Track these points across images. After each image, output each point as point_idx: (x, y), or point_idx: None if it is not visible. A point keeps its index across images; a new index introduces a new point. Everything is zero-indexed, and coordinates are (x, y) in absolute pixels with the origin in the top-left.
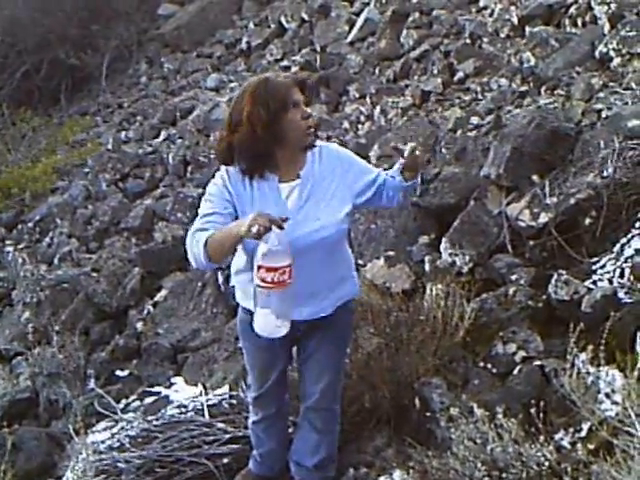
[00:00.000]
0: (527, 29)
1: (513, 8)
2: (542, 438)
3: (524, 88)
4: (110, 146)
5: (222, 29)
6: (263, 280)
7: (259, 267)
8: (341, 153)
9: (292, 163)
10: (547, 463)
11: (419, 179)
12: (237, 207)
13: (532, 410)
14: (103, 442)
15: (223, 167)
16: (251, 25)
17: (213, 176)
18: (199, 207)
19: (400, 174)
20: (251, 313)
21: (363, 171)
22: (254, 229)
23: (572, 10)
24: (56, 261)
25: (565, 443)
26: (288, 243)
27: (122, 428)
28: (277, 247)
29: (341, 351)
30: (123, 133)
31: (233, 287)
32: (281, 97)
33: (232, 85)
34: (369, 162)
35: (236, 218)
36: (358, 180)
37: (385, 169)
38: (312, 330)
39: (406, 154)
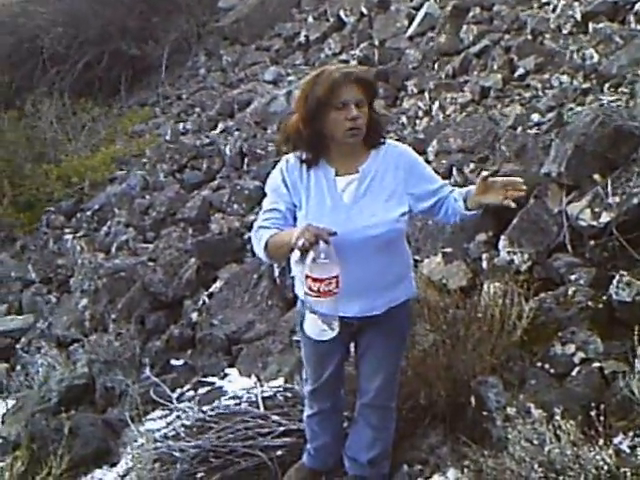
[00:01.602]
0: (591, 25)
1: (576, 4)
2: (601, 441)
3: (586, 85)
4: (168, 137)
5: (281, 22)
6: (310, 289)
7: (307, 276)
8: (407, 155)
9: (350, 157)
10: (606, 467)
11: (480, 211)
12: (294, 199)
13: (591, 413)
14: (159, 430)
15: (284, 157)
16: (310, 19)
17: (274, 166)
18: (259, 198)
19: (465, 200)
20: None
21: (426, 178)
22: (299, 242)
23: (637, 6)
24: (113, 250)
25: (624, 447)
26: (336, 255)
27: (177, 417)
28: (324, 260)
29: (397, 350)
30: (181, 124)
31: (293, 278)
32: (325, 95)
33: (290, 78)
34: (426, 158)
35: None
36: (418, 185)
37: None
38: (367, 327)
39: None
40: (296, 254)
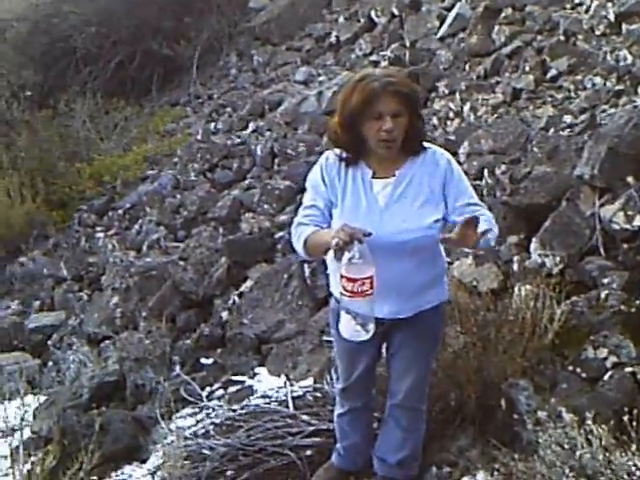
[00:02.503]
0: (624, 26)
1: (610, 4)
2: (633, 447)
3: (620, 87)
4: (199, 136)
5: (312, 23)
6: (345, 289)
7: (342, 276)
8: (447, 163)
9: (388, 160)
10: (638, 472)
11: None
12: (331, 196)
13: (624, 418)
14: (188, 428)
15: (325, 153)
16: (341, 19)
17: (309, 166)
18: (290, 198)
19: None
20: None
21: (462, 191)
22: (334, 242)
23: None
24: (145, 248)
25: None
26: (370, 255)
27: (207, 415)
28: (358, 260)
29: (428, 351)
30: (212, 124)
31: (328, 276)
32: (362, 105)
33: (321, 79)
34: (458, 160)
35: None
36: (451, 196)
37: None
38: (397, 328)
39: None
40: (332, 253)
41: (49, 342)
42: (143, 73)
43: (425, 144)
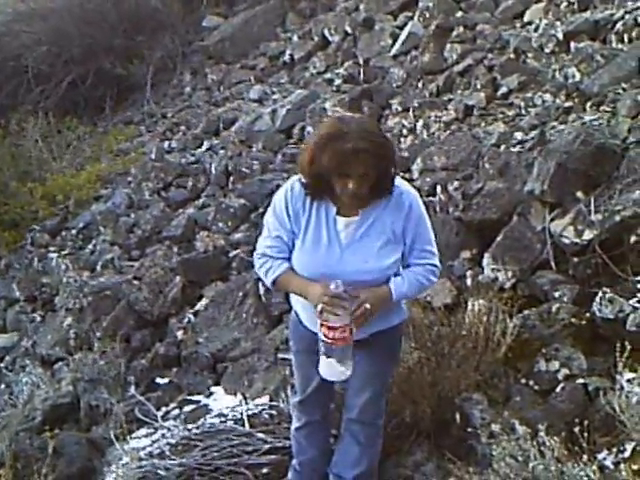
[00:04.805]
0: (572, 44)
1: (558, 23)
2: (585, 457)
3: (569, 104)
4: (153, 155)
5: (266, 41)
6: (326, 336)
7: (321, 324)
8: (410, 206)
9: (354, 199)
10: None
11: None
12: (294, 227)
13: (575, 429)
14: (143, 449)
15: (292, 179)
16: (294, 38)
17: (260, 185)
18: (244, 217)
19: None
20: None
21: (420, 233)
22: (319, 307)
23: (619, 26)
24: (99, 268)
25: (608, 463)
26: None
27: (162, 435)
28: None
29: (385, 368)
30: (166, 143)
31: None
32: (330, 165)
33: (275, 97)
34: (410, 177)
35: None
36: (409, 237)
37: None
38: (355, 346)
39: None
40: None
41: (1, 364)
42: (96, 92)
43: (396, 181)
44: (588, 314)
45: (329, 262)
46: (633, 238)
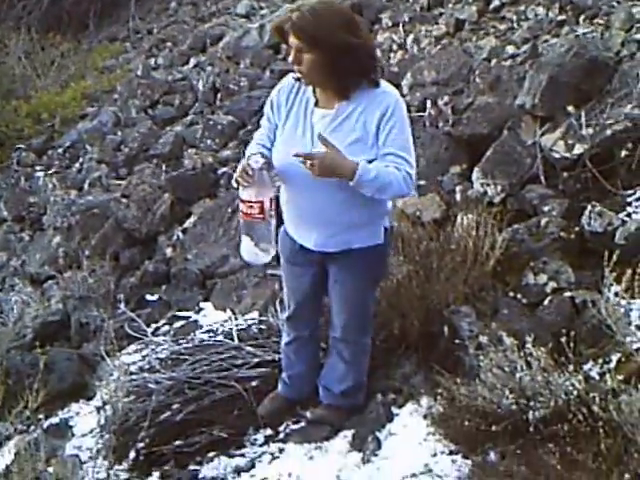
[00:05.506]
0: None
1: None
2: (571, 368)
3: (562, 17)
4: (139, 72)
5: None
6: (241, 210)
7: (239, 198)
8: (388, 106)
9: (331, 92)
10: (575, 392)
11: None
12: (276, 120)
13: (562, 340)
14: (134, 363)
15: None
16: None
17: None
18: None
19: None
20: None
21: (391, 138)
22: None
23: None
24: (86, 186)
25: (594, 374)
26: (269, 182)
27: (152, 350)
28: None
29: (363, 291)
30: (152, 59)
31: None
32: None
33: (263, 12)
34: (401, 91)
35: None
36: (380, 140)
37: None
38: (331, 262)
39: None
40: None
41: None
42: (79, 7)
43: (382, 82)
44: (577, 228)
45: (300, 151)
46: (624, 152)
